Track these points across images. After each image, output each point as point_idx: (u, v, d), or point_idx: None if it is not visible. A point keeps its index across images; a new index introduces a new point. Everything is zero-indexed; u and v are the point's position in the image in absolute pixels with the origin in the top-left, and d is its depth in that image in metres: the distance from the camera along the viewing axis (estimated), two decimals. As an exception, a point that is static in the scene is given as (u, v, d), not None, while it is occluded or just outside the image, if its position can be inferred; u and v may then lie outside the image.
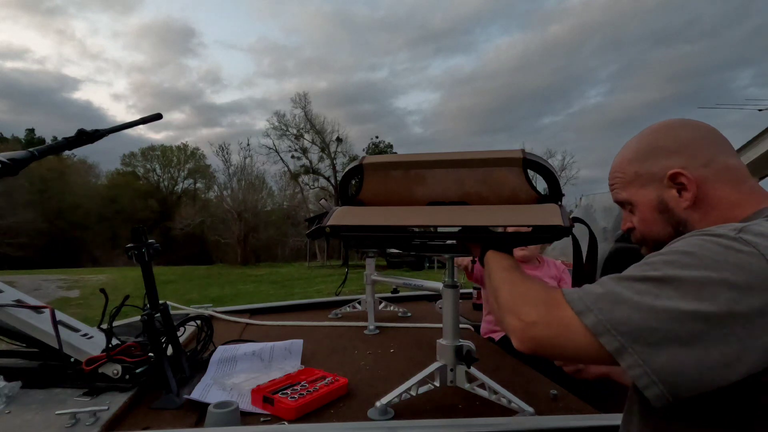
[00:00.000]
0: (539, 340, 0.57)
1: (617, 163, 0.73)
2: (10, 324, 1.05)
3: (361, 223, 0.83)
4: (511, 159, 0.79)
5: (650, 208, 0.68)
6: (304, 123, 28.57)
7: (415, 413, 0.95)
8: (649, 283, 0.51)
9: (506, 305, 0.64)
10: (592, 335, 0.51)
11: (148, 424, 0.91)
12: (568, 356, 0.56)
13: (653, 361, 0.47)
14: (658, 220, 0.68)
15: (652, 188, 0.68)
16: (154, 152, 38.08)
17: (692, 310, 0.47)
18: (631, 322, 0.49)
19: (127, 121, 1.19)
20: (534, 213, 0.78)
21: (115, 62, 59.05)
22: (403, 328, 1.78)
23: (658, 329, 0.47)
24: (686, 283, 0.49)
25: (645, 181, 0.68)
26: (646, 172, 0.68)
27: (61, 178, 30.46)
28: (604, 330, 0.50)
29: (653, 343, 0.47)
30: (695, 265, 0.49)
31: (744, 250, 0.48)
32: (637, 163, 0.70)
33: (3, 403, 0.94)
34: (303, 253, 25.32)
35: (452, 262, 1.03)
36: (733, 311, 0.46)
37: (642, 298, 0.50)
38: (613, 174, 0.74)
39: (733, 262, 0.48)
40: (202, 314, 1.40)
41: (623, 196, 0.72)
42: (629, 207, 0.72)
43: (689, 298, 0.48)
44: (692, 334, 0.46)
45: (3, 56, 52.20)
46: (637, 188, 0.69)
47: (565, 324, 0.55)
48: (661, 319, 0.48)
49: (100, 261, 27.51)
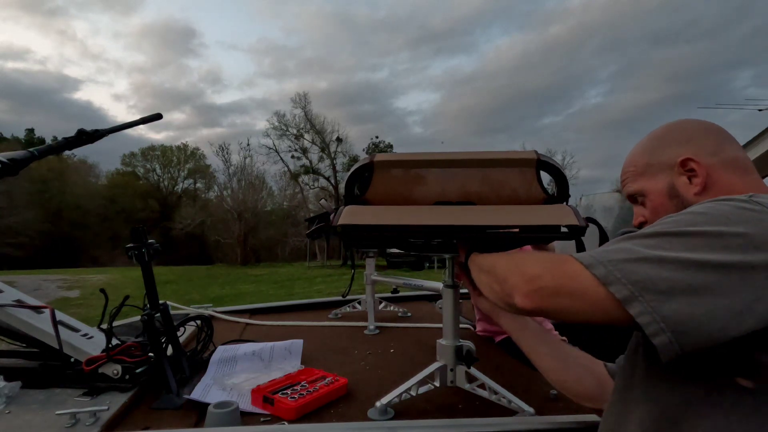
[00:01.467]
0: (544, 292, 0.55)
1: (629, 158, 0.76)
2: (10, 324, 1.05)
3: (373, 223, 0.83)
4: (525, 160, 0.80)
5: (661, 195, 0.70)
6: (304, 123, 28.60)
7: (415, 413, 0.95)
8: (661, 237, 0.51)
9: (507, 267, 0.63)
10: (602, 285, 0.50)
11: (148, 424, 0.91)
12: (574, 310, 0.54)
13: (663, 309, 0.46)
14: (669, 207, 0.69)
15: (663, 176, 0.70)
16: (154, 152, 38.10)
17: (705, 259, 0.47)
18: (642, 272, 0.49)
19: (127, 121, 1.19)
20: (548, 213, 0.79)
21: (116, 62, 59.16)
22: (403, 328, 1.78)
23: (669, 278, 0.47)
24: (698, 236, 0.49)
25: (656, 171, 0.71)
26: (657, 162, 0.71)
27: (61, 178, 30.47)
28: (615, 279, 0.49)
29: (664, 291, 0.47)
30: (708, 222, 0.50)
31: (756, 209, 0.50)
32: (648, 155, 0.73)
33: (3, 403, 0.94)
34: (303, 253, 25.31)
35: (452, 262, 1.03)
36: (746, 262, 0.46)
37: (653, 251, 0.50)
38: (624, 170, 0.77)
39: (746, 218, 0.49)
40: (202, 314, 1.40)
41: (634, 188, 0.74)
42: (641, 199, 0.74)
43: (702, 249, 0.48)
44: (704, 283, 0.46)
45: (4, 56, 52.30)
46: (648, 178, 0.72)
47: (572, 275, 0.54)
48: (672, 269, 0.47)
49: (100, 261, 27.51)
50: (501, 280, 0.63)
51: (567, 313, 0.55)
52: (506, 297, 0.62)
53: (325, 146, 28.67)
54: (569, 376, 0.86)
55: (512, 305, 0.60)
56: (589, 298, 0.52)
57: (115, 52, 60.49)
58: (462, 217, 0.82)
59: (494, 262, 0.68)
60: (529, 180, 0.82)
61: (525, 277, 0.58)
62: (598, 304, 0.51)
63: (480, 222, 0.81)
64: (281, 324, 1.82)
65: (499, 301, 0.65)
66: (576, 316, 0.54)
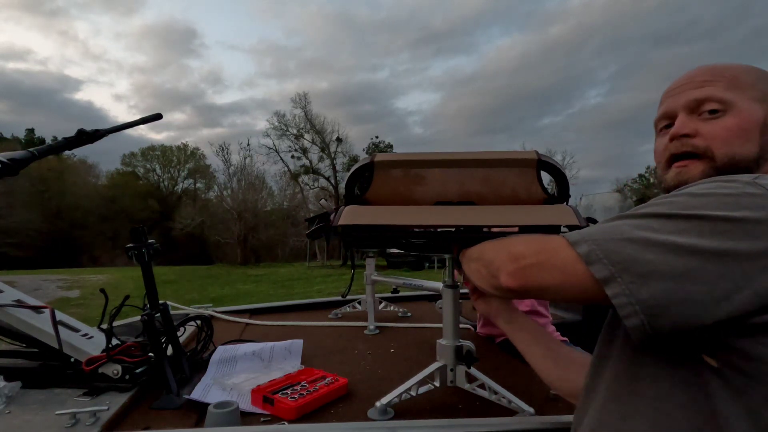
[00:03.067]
0: (528, 269, 0.55)
1: (725, 65, 0.64)
2: (10, 324, 1.05)
3: (374, 223, 0.83)
4: (525, 160, 0.80)
5: (755, 120, 0.60)
6: (304, 123, 28.60)
7: (415, 413, 0.95)
8: (650, 219, 0.50)
9: (494, 250, 0.63)
10: (584, 264, 0.50)
11: (148, 424, 0.90)
12: (555, 286, 0.53)
13: (640, 292, 0.46)
14: (754, 136, 0.60)
15: (762, 106, 0.61)
16: (154, 152, 38.12)
17: (690, 244, 0.45)
18: (624, 252, 0.48)
19: (128, 121, 1.19)
20: (548, 213, 0.79)
21: (117, 63, 59.28)
22: (403, 328, 1.78)
23: (650, 261, 0.46)
24: (689, 219, 0.47)
25: (758, 96, 0.61)
26: (763, 89, 0.61)
27: (61, 178, 30.47)
28: (596, 258, 0.49)
29: (643, 273, 0.46)
30: (702, 206, 0.48)
31: (756, 193, 0.47)
32: (754, 76, 0.62)
33: (3, 403, 0.94)
34: (303, 253, 25.31)
35: (452, 262, 1.03)
36: (733, 249, 0.44)
37: (640, 232, 0.48)
38: (715, 71, 0.64)
39: (744, 203, 0.46)
40: (202, 314, 1.39)
41: (722, 94, 0.61)
42: (716, 107, 0.61)
43: (689, 233, 0.46)
44: (685, 269, 0.45)
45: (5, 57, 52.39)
46: (747, 97, 0.61)
47: (555, 252, 0.53)
48: (656, 252, 0.46)
49: (100, 261, 27.51)
50: (487, 263, 0.63)
51: (549, 291, 0.55)
52: (492, 279, 0.61)
53: (325, 146, 28.67)
54: (564, 375, 0.86)
55: (498, 286, 0.59)
56: (569, 276, 0.52)
57: (116, 53, 60.68)
58: (462, 217, 0.82)
59: (482, 248, 0.68)
60: (530, 180, 0.82)
61: (510, 256, 0.58)
62: (578, 282, 0.51)
63: (480, 222, 0.81)
64: (281, 324, 1.82)
65: (487, 285, 0.64)
66: (557, 294, 0.54)
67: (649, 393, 0.53)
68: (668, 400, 0.51)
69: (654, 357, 0.54)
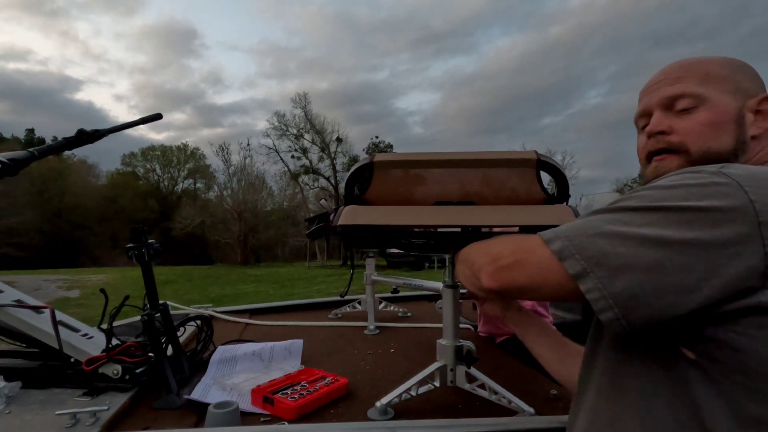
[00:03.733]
0: (505, 270, 0.55)
1: (699, 59, 0.65)
2: (10, 324, 1.05)
3: (373, 223, 0.83)
4: (525, 160, 0.80)
5: (728, 113, 0.61)
6: (304, 123, 28.60)
7: (415, 413, 0.95)
8: (620, 212, 0.51)
9: (477, 251, 0.63)
10: (558, 260, 0.50)
11: (148, 424, 0.91)
12: (531, 285, 0.54)
13: (613, 285, 0.46)
14: (728, 130, 0.61)
15: (735, 99, 0.61)
16: (154, 152, 38.13)
17: (659, 236, 0.46)
18: (596, 247, 0.48)
19: (127, 121, 1.19)
20: (548, 213, 0.79)
21: (117, 63, 59.34)
22: (403, 328, 1.78)
23: (622, 254, 0.47)
24: (658, 211, 0.48)
25: (731, 89, 0.62)
26: (734, 81, 0.62)
27: (61, 178, 30.48)
28: (569, 254, 0.50)
29: (615, 267, 0.47)
30: (670, 197, 0.48)
31: (722, 182, 0.47)
32: (728, 69, 0.63)
33: (3, 403, 0.94)
34: (303, 253, 25.32)
35: (452, 263, 1.03)
36: (699, 239, 0.45)
37: (611, 226, 0.49)
38: (688, 66, 0.65)
39: (710, 192, 0.46)
40: (202, 314, 1.39)
41: (694, 89, 0.62)
42: (689, 104, 0.62)
43: (659, 225, 0.47)
44: (656, 260, 0.45)
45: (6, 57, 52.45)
46: (720, 90, 0.62)
47: (530, 250, 0.54)
48: (627, 245, 0.47)
49: (100, 261, 27.51)
50: (471, 264, 0.64)
51: (526, 290, 0.55)
52: (475, 280, 0.61)
53: (325, 146, 28.67)
54: (574, 372, 0.86)
55: (480, 287, 0.60)
56: (545, 273, 0.52)
57: (117, 53, 60.76)
58: (462, 217, 0.82)
59: (469, 250, 0.68)
60: (529, 180, 0.82)
61: (490, 257, 0.58)
62: (554, 279, 0.51)
63: (480, 222, 0.81)
64: (281, 324, 1.82)
65: (472, 287, 0.65)
66: (535, 292, 0.54)
67: (634, 390, 0.54)
68: (653, 396, 0.52)
69: (635, 353, 0.55)
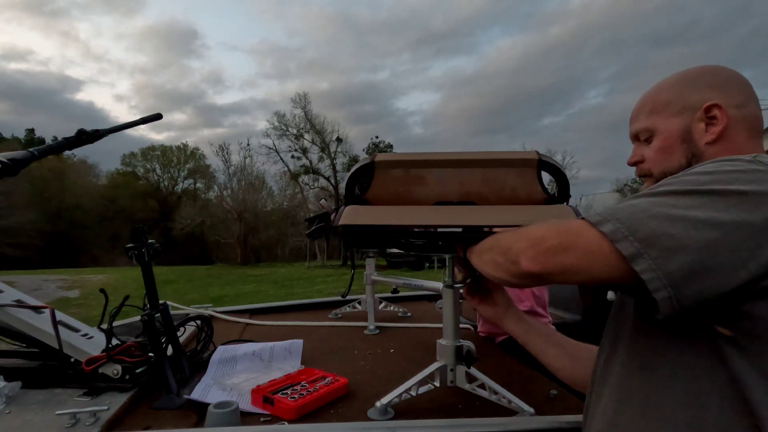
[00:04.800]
0: (550, 252, 0.55)
1: (650, 93, 0.74)
2: (10, 324, 1.05)
3: (374, 223, 0.83)
4: (526, 160, 0.80)
5: (673, 136, 0.69)
6: (304, 123, 28.60)
7: (415, 413, 0.95)
8: (666, 196, 0.52)
9: (511, 237, 0.63)
10: (609, 242, 0.51)
11: (148, 424, 0.90)
12: (579, 267, 0.54)
13: (667, 266, 0.48)
14: (676, 150, 0.69)
15: (681, 118, 0.69)
16: (154, 152, 38.12)
17: (708, 218, 0.48)
18: (648, 229, 0.50)
19: (127, 121, 1.19)
20: (548, 213, 0.79)
21: (118, 63, 59.36)
22: (403, 328, 1.78)
23: (673, 235, 0.49)
24: (704, 194, 0.51)
25: (676, 110, 0.69)
26: (680, 100, 0.69)
27: (61, 178, 30.48)
28: (622, 236, 0.50)
29: (668, 248, 0.48)
30: (713, 181, 0.51)
31: (759, 169, 0.51)
32: (674, 91, 0.70)
33: (3, 403, 0.94)
34: (303, 253, 25.32)
35: (452, 262, 1.03)
36: (747, 221, 0.48)
37: (660, 209, 0.51)
38: (641, 103, 0.74)
39: (750, 177, 0.50)
40: (202, 314, 1.39)
41: (644, 124, 0.72)
42: (646, 136, 0.72)
43: (706, 207, 0.49)
44: (706, 241, 0.48)
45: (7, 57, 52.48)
46: (665, 116, 0.70)
47: (578, 232, 0.54)
48: (677, 226, 0.49)
49: (100, 261, 27.51)
50: (505, 250, 0.64)
51: (571, 272, 0.55)
52: (511, 265, 0.61)
53: (325, 146, 28.68)
54: (580, 371, 0.86)
55: (518, 272, 0.60)
56: (594, 254, 0.53)
57: (118, 53, 60.79)
58: (462, 217, 0.82)
59: (497, 238, 0.69)
60: (530, 180, 0.82)
61: (530, 240, 0.58)
62: (603, 261, 0.52)
63: (480, 222, 0.81)
64: (281, 324, 1.82)
65: (504, 273, 0.64)
66: (580, 275, 0.54)
67: (670, 368, 0.56)
68: (691, 372, 0.54)
69: (669, 334, 0.57)
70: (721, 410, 0.51)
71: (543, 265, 0.56)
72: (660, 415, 0.56)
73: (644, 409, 0.57)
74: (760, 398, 0.49)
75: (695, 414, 0.53)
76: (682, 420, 0.54)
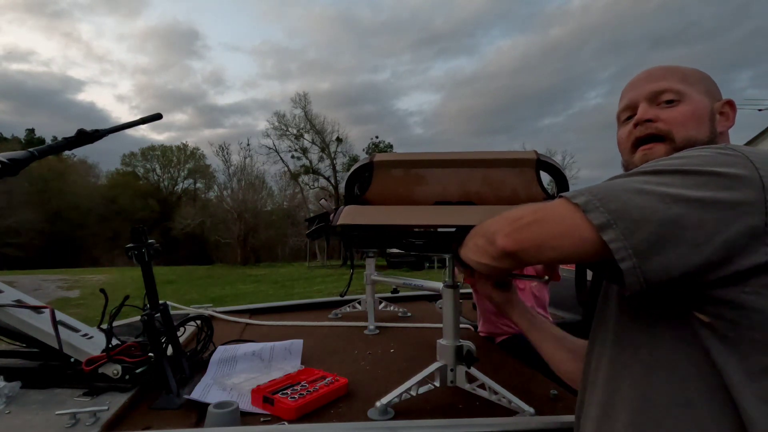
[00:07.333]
0: (525, 228, 0.58)
1: (674, 66, 0.74)
2: (10, 324, 1.05)
3: (373, 222, 0.83)
4: (525, 160, 0.81)
5: (704, 109, 0.70)
6: (304, 123, 28.60)
7: (415, 413, 0.95)
8: (641, 175, 0.55)
9: (493, 221, 0.66)
10: (581, 212, 0.53)
11: (148, 424, 0.91)
12: (553, 241, 0.56)
13: (633, 236, 0.50)
14: (704, 123, 0.69)
15: (708, 99, 0.70)
16: (154, 152, 38.10)
17: (678, 194, 0.50)
18: (619, 201, 0.51)
19: (127, 122, 1.19)
20: None
21: (119, 64, 59.29)
22: (403, 328, 1.78)
23: (643, 207, 0.50)
24: (674, 173, 0.53)
25: (704, 90, 0.71)
26: (706, 85, 0.72)
27: (61, 178, 30.45)
28: (594, 207, 0.52)
29: (636, 219, 0.50)
30: (684, 164, 0.54)
31: (731, 154, 0.53)
32: (700, 75, 0.73)
33: (3, 403, 0.94)
34: (303, 253, 25.31)
35: (452, 262, 1.03)
36: (714, 198, 0.49)
37: (633, 185, 0.53)
38: (666, 69, 0.73)
39: (722, 161, 0.52)
40: (202, 314, 1.39)
41: (677, 86, 0.70)
42: (672, 97, 0.70)
43: (675, 185, 0.51)
44: (674, 215, 0.49)
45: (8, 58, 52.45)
46: (696, 90, 0.71)
47: (553, 206, 0.57)
48: (647, 200, 0.51)
49: (100, 261, 27.48)
50: (485, 232, 0.67)
51: (546, 247, 0.57)
52: (490, 246, 0.64)
53: (325, 146, 28.68)
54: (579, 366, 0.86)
55: (495, 252, 0.62)
56: (567, 226, 0.54)
57: (119, 54, 60.68)
58: (462, 217, 0.82)
59: (482, 224, 0.70)
60: (529, 180, 0.82)
61: (509, 219, 0.61)
62: (575, 232, 0.54)
63: (480, 222, 0.81)
64: (281, 324, 1.82)
65: (484, 255, 0.66)
66: (553, 250, 0.56)
67: (647, 358, 0.58)
68: (668, 361, 0.56)
69: (647, 319, 0.59)
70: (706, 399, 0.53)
71: (516, 241, 0.59)
72: (648, 405, 0.57)
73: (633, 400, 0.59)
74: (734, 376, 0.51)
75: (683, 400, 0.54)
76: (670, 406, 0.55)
